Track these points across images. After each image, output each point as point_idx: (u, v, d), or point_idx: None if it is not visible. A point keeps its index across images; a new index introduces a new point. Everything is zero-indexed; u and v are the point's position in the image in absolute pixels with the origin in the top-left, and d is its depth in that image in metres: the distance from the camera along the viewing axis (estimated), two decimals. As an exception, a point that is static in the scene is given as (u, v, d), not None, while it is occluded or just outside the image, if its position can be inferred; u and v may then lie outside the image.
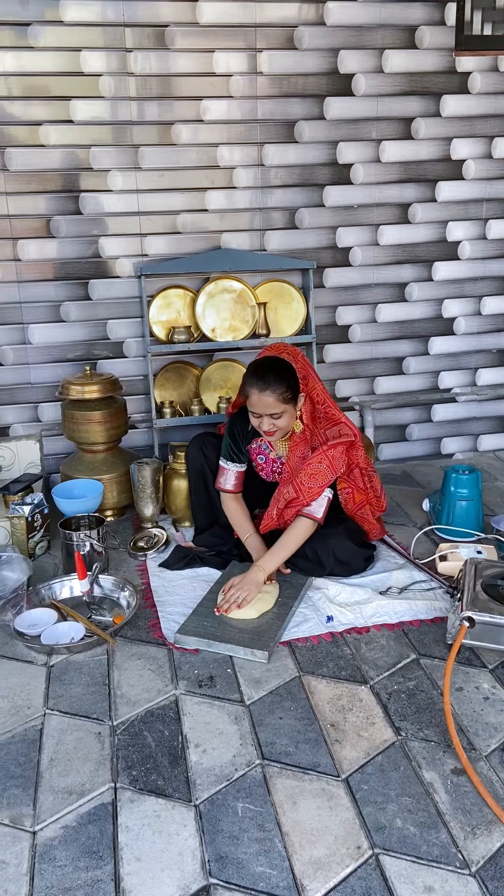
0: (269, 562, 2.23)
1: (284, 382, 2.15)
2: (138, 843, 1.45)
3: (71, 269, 2.94)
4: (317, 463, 2.23)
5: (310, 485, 2.23)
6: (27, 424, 3.08)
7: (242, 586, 2.16)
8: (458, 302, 3.34)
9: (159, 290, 3.02)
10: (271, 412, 2.17)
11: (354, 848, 1.43)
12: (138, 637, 2.12)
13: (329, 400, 2.34)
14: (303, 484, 2.24)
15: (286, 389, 2.15)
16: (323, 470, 2.23)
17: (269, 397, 2.14)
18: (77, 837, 1.46)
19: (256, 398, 2.16)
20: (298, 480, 2.24)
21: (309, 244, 3.12)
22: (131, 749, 1.69)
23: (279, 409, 2.17)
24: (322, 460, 2.23)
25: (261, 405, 2.17)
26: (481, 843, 1.43)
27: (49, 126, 2.78)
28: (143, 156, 2.88)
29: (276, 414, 2.18)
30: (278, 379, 2.15)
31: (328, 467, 2.24)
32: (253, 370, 2.20)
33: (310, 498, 2.24)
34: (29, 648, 2.07)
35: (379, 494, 2.46)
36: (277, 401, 2.15)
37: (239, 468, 2.42)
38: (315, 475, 2.23)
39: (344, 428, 2.28)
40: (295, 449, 2.30)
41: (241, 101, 2.90)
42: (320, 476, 2.23)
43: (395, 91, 3.01)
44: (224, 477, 2.43)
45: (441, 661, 1.98)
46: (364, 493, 2.40)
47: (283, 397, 2.15)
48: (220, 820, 1.50)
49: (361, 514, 2.44)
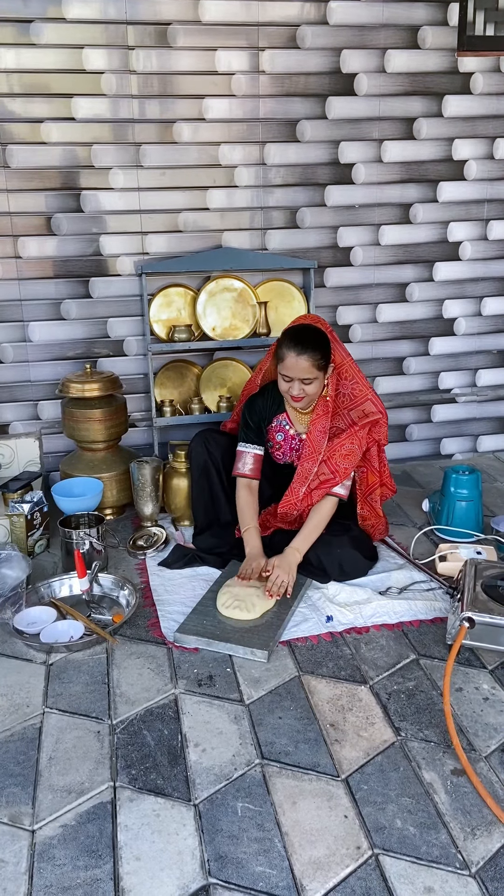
0: (304, 543, 2.28)
1: (320, 349, 2.20)
2: (137, 842, 1.44)
3: (71, 266, 2.94)
4: (349, 444, 2.30)
5: (345, 465, 2.30)
6: (27, 422, 3.07)
7: (283, 568, 2.20)
8: (458, 303, 3.34)
9: (160, 289, 3.01)
10: (304, 377, 2.21)
11: (354, 848, 1.43)
12: (138, 636, 2.12)
13: (357, 374, 2.38)
14: (338, 464, 2.30)
15: (321, 356, 2.21)
16: (355, 450, 2.31)
17: (305, 361, 2.18)
18: (76, 836, 1.46)
19: (293, 361, 2.19)
20: (334, 461, 2.30)
21: (310, 244, 3.12)
22: (130, 748, 1.69)
23: (311, 375, 2.21)
24: (353, 441, 2.30)
25: (296, 368, 2.20)
26: (481, 843, 1.43)
27: (51, 123, 2.77)
28: (144, 154, 2.87)
29: (307, 379, 2.21)
30: (315, 345, 2.20)
31: (359, 447, 2.31)
32: (291, 334, 2.23)
33: (344, 476, 2.31)
34: (28, 647, 2.06)
35: (389, 476, 2.52)
36: (312, 366, 2.19)
37: (257, 450, 2.43)
38: (349, 455, 2.30)
39: (369, 406, 2.35)
40: (317, 422, 2.33)
41: (242, 100, 2.89)
42: (353, 456, 2.31)
43: (397, 91, 3.01)
44: (242, 461, 2.43)
45: (441, 661, 1.98)
46: (377, 475, 2.45)
47: (317, 363, 2.20)
48: (220, 819, 1.49)
49: (372, 500, 2.46)
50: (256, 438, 2.43)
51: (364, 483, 2.44)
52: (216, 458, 2.50)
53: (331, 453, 2.31)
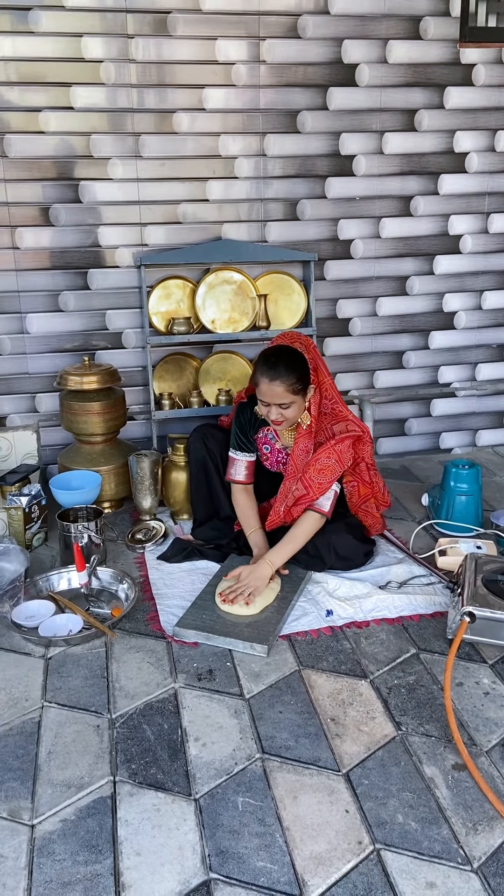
0: (278, 556, 2.22)
1: (295, 373, 2.14)
2: (138, 837, 1.44)
3: (70, 258, 2.91)
4: (325, 458, 2.22)
5: (319, 480, 2.22)
6: (25, 415, 3.05)
7: (250, 581, 2.15)
8: (458, 296, 3.32)
9: (159, 281, 2.99)
10: (280, 402, 2.15)
11: (355, 843, 1.42)
12: (137, 630, 2.11)
13: (336, 395, 2.32)
14: (312, 479, 2.22)
15: (296, 380, 2.14)
16: (332, 465, 2.22)
17: (278, 387, 2.13)
18: (76, 831, 1.45)
19: (266, 387, 2.14)
20: (307, 476, 2.22)
21: (310, 236, 3.09)
22: (130, 742, 1.68)
23: (288, 400, 2.15)
24: (330, 455, 2.22)
25: (270, 394, 2.15)
26: (483, 839, 1.43)
27: (49, 112, 2.74)
28: (143, 144, 2.85)
29: (284, 404, 2.16)
30: (289, 369, 2.13)
31: (336, 461, 2.23)
32: (264, 358, 2.17)
33: (319, 493, 2.23)
34: (26, 640, 2.05)
35: (383, 490, 2.46)
36: (287, 391, 2.13)
37: (248, 458, 2.40)
38: (324, 470, 2.22)
39: (351, 424, 2.27)
40: (299, 441, 2.28)
41: (243, 90, 2.87)
42: (329, 471, 2.22)
43: (398, 82, 2.98)
44: (234, 468, 2.41)
45: (441, 655, 1.98)
46: (369, 487, 2.40)
47: (292, 388, 2.13)
48: (221, 814, 1.49)
49: (365, 508, 2.43)
50: (247, 446, 2.40)
51: (355, 495, 2.40)
52: (214, 454, 2.48)
53: (306, 468, 2.24)
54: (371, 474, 2.39)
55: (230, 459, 2.42)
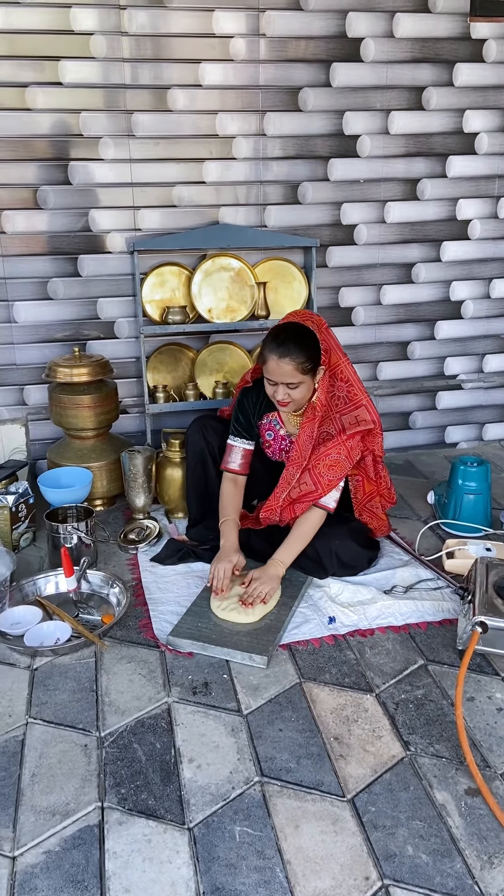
0: (287, 555, 2.13)
1: (305, 352, 2.02)
2: (127, 871, 1.33)
3: (59, 243, 2.77)
4: (335, 453, 2.12)
5: (329, 477, 2.13)
6: (12, 408, 2.92)
7: (264, 580, 2.05)
8: (466, 284, 3.19)
9: (153, 268, 2.86)
10: (288, 381, 2.04)
11: (362, 879, 1.31)
12: (129, 638, 1.99)
13: (354, 377, 2.19)
14: (322, 476, 2.13)
15: (306, 359, 2.02)
16: (342, 460, 2.13)
17: (287, 365, 2.01)
18: (60, 864, 1.34)
19: (274, 364, 2.03)
20: (317, 472, 2.13)
21: (311, 221, 2.96)
22: (120, 764, 1.57)
23: (296, 380, 2.04)
24: (340, 450, 2.13)
25: (278, 372, 2.03)
26: (499, 873, 1.32)
27: (36, 88, 2.59)
28: (136, 122, 2.70)
29: (292, 384, 2.05)
30: (299, 347, 2.02)
31: (346, 457, 2.13)
32: (274, 335, 2.06)
33: (327, 490, 2.13)
34: (11, 650, 1.94)
35: (389, 487, 2.34)
36: (296, 370, 2.02)
37: (247, 446, 2.29)
38: (334, 466, 2.13)
39: (363, 413, 2.15)
40: (305, 427, 2.16)
41: (241, 66, 2.72)
42: (339, 467, 2.13)
43: (405, 58, 2.83)
44: (231, 455, 2.30)
45: (450, 667, 1.87)
46: (374, 484, 2.29)
47: (301, 367, 2.02)
48: (216, 846, 1.38)
49: (371, 507, 2.31)
50: (247, 433, 2.29)
51: (360, 491, 2.30)
52: (213, 447, 2.36)
53: (315, 462, 2.14)
54: (377, 469, 2.28)
55: (227, 447, 2.30)
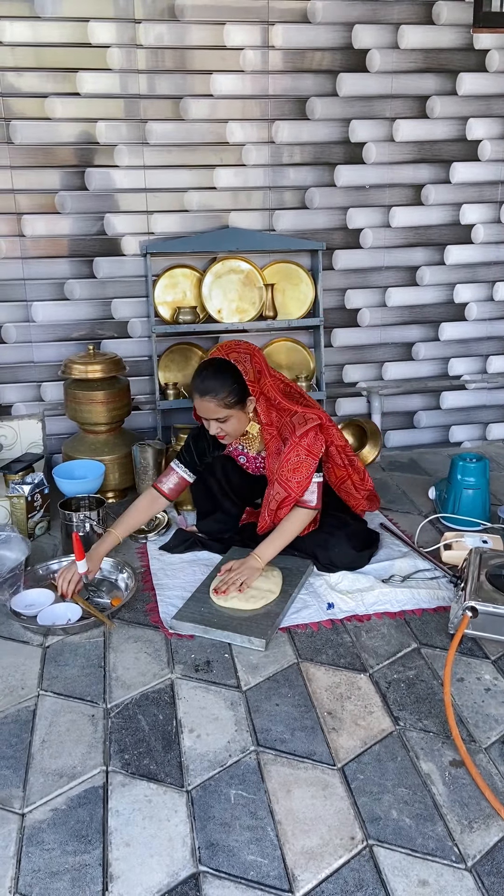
0: (267, 550, 2.19)
1: (227, 387, 2.08)
2: (128, 827, 1.42)
3: (76, 246, 2.90)
4: (294, 456, 2.15)
5: (297, 479, 2.16)
6: (30, 404, 3.05)
7: (242, 570, 2.13)
8: (470, 287, 3.27)
9: (165, 270, 2.97)
10: (215, 417, 2.12)
11: (348, 839, 1.40)
12: (136, 620, 2.09)
13: (277, 393, 2.19)
14: (289, 480, 2.16)
15: (228, 394, 2.08)
16: (303, 460, 2.15)
17: (209, 402, 2.09)
18: (66, 821, 1.44)
19: (198, 403, 2.12)
20: (283, 478, 2.17)
21: (319, 225, 3.05)
22: (124, 732, 1.67)
23: (222, 414, 2.11)
24: (298, 451, 2.15)
25: (203, 410, 2.12)
26: (478, 837, 1.40)
27: (55, 99, 2.72)
28: (150, 131, 2.82)
29: (220, 418, 2.12)
30: (219, 383, 2.08)
31: (307, 455, 2.15)
32: (196, 374, 2.13)
33: (300, 490, 2.17)
34: (25, 629, 2.04)
35: (361, 474, 2.41)
36: (219, 406, 2.09)
37: (186, 475, 2.30)
38: (297, 468, 2.15)
39: (302, 415, 2.17)
40: (270, 443, 2.22)
41: (252, 76, 2.83)
42: (303, 467, 2.15)
43: (410, 68, 2.93)
44: (167, 477, 2.28)
45: (442, 650, 1.95)
46: (344, 469, 2.35)
47: (224, 402, 2.09)
48: (212, 806, 1.47)
49: (346, 489, 2.39)
50: (191, 465, 2.30)
51: (332, 476, 2.35)
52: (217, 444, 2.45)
53: (280, 471, 2.17)
54: (344, 458, 2.32)
55: (168, 468, 2.30)
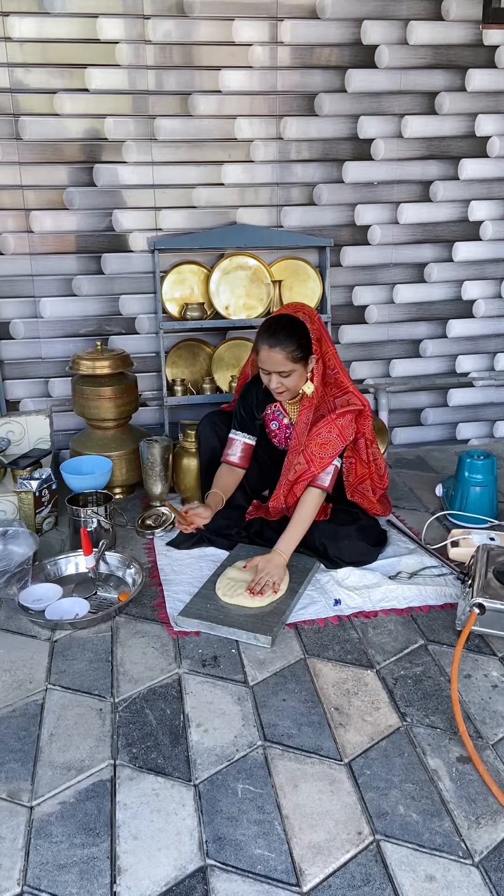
0: (289, 544, 2.19)
1: (296, 341, 2.12)
2: (136, 821, 1.43)
3: (84, 242, 2.90)
4: (326, 432, 2.20)
5: (321, 455, 2.20)
6: (37, 399, 3.05)
7: (270, 571, 2.12)
8: (478, 284, 3.26)
9: (173, 266, 2.97)
10: (280, 370, 2.14)
11: (355, 833, 1.40)
12: (143, 615, 2.10)
13: (340, 367, 2.29)
14: (314, 454, 2.20)
15: (296, 348, 2.12)
16: (333, 439, 2.20)
17: (278, 354, 2.11)
18: (74, 814, 1.45)
19: (266, 354, 2.13)
20: (309, 451, 2.20)
21: (326, 221, 3.05)
22: (132, 726, 1.67)
23: (287, 368, 2.14)
24: (331, 429, 2.20)
25: (270, 362, 2.14)
26: (485, 833, 1.40)
27: (64, 95, 2.72)
28: (158, 127, 2.82)
29: (284, 372, 2.15)
30: (290, 337, 2.12)
31: (338, 436, 2.20)
32: (266, 326, 2.17)
33: (320, 468, 2.21)
34: (33, 623, 2.05)
35: (382, 472, 2.42)
36: (287, 359, 2.12)
37: (248, 440, 2.38)
38: (325, 444, 2.20)
39: (352, 397, 2.24)
40: (302, 414, 2.26)
41: (260, 72, 2.83)
42: (331, 445, 2.20)
43: (419, 64, 2.92)
44: (232, 448, 2.38)
45: (449, 647, 1.95)
46: (366, 467, 2.37)
47: (292, 356, 2.12)
48: (220, 800, 1.47)
49: (361, 490, 2.40)
50: (247, 428, 2.37)
51: (352, 474, 2.37)
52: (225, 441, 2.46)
53: (307, 442, 2.21)
54: (370, 452, 2.36)
55: (229, 440, 2.39)
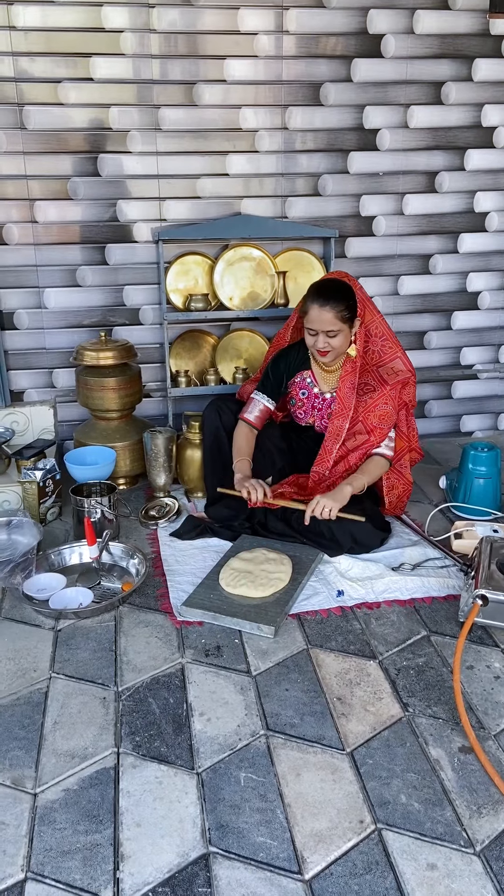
0: (358, 482, 2.29)
1: (344, 301, 2.23)
2: (139, 808, 1.44)
3: (88, 232, 2.90)
4: (384, 405, 2.33)
5: (381, 426, 2.33)
6: (42, 390, 3.06)
7: (332, 497, 2.21)
8: (483, 275, 3.25)
9: (177, 257, 2.96)
10: (328, 329, 2.23)
11: (357, 822, 1.41)
12: (146, 605, 2.11)
13: (388, 332, 2.40)
14: (375, 426, 2.33)
15: (345, 308, 2.22)
16: (390, 412, 2.34)
17: (328, 313, 2.21)
18: (78, 801, 1.46)
19: (316, 313, 2.22)
20: (369, 422, 2.33)
21: (331, 212, 3.04)
22: (135, 715, 1.68)
23: (336, 327, 2.23)
24: (388, 401, 2.33)
25: (319, 321, 2.22)
26: (487, 822, 1.41)
27: (68, 84, 2.71)
28: (163, 117, 2.81)
29: (332, 332, 2.24)
30: (340, 297, 2.23)
31: (394, 409, 2.34)
32: (315, 288, 2.28)
33: (380, 438, 2.34)
34: (37, 612, 2.06)
35: (417, 440, 2.53)
36: (336, 318, 2.21)
37: (267, 402, 2.46)
38: (384, 416, 2.33)
39: (398, 364, 2.37)
40: (346, 379, 2.35)
41: (265, 61, 2.81)
42: (388, 418, 2.34)
43: (425, 53, 2.90)
44: (251, 406, 2.47)
45: (452, 638, 1.95)
46: (405, 440, 2.47)
47: (341, 316, 2.22)
48: (222, 789, 1.48)
49: (400, 466, 2.48)
50: (272, 392, 2.47)
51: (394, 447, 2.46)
52: (229, 427, 2.47)
53: (366, 414, 2.33)
54: (409, 421, 2.47)
55: (249, 399, 2.48)
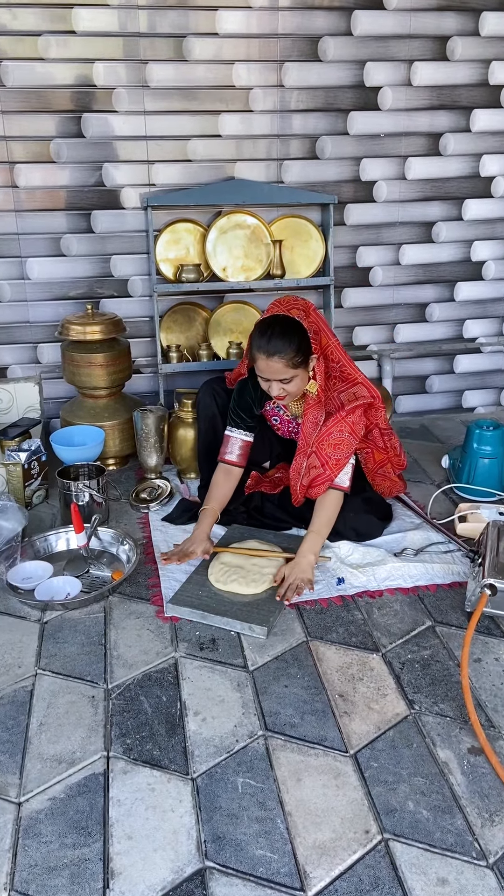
0: (314, 545, 2.05)
1: (294, 345, 1.95)
2: (130, 819, 1.35)
3: (73, 198, 2.73)
4: (338, 431, 2.06)
5: (336, 456, 2.07)
6: (26, 366, 2.92)
7: (297, 575, 1.98)
8: (488, 244, 3.11)
9: (167, 224, 2.81)
10: (280, 377, 1.99)
11: (362, 832, 1.32)
12: (138, 594, 2.01)
13: (345, 357, 2.14)
14: (329, 457, 2.07)
15: (295, 353, 1.95)
16: (346, 438, 2.07)
17: (277, 363, 1.95)
18: (65, 811, 1.37)
19: (264, 364, 1.97)
20: (324, 453, 2.08)
21: (330, 176, 2.88)
22: (126, 715, 1.59)
23: (288, 374, 1.98)
24: (342, 428, 2.06)
25: (269, 371, 1.98)
26: (500, 831, 1.32)
27: (49, 37, 2.53)
28: (150, 73, 2.63)
29: (285, 379, 1.99)
30: (287, 342, 1.94)
31: (350, 434, 2.07)
32: (260, 332, 1.98)
33: (337, 470, 2.08)
34: (22, 603, 1.96)
35: (399, 452, 2.31)
36: (286, 366, 1.96)
37: (246, 437, 2.22)
38: (339, 444, 2.07)
39: (360, 390, 2.09)
40: (309, 413, 2.11)
41: (259, 13, 2.63)
42: (344, 445, 2.07)
43: (429, 5, 2.72)
44: (229, 447, 2.21)
45: (458, 629, 1.86)
46: (384, 452, 2.26)
47: (292, 362, 1.96)
48: (219, 796, 1.39)
49: (382, 473, 2.30)
50: (246, 425, 2.22)
51: (370, 461, 2.27)
52: (225, 411, 2.34)
53: (319, 444, 2.08)
54: (385, 439, 2.25)
55: (225, 438, 2.23)
